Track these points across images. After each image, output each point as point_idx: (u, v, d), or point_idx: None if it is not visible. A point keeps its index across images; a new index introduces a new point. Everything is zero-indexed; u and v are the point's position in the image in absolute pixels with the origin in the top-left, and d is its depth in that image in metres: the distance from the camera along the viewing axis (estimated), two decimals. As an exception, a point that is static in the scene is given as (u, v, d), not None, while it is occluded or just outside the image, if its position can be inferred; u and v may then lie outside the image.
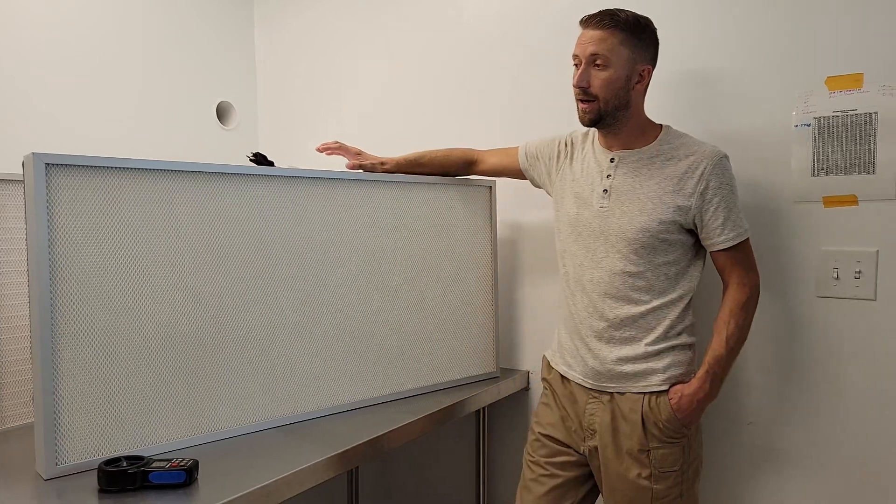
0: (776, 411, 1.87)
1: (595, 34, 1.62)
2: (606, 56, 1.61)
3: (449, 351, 2.07)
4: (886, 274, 1.72)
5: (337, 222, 1.82)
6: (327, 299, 1.81)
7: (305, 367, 1.77)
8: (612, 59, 1.61)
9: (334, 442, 1.60)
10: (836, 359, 1.79)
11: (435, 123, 2.48)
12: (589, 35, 1.63)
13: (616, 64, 1.62)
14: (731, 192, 1.63)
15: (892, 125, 1.69)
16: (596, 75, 1.63)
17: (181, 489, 1.34)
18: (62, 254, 1.40)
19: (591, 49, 1.62)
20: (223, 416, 1.63)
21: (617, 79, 1.63)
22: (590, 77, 1.64)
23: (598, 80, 1.63)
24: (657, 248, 1.64)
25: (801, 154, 1.80)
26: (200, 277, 1.59)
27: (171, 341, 1.55)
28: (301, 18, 2.84)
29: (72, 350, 1.41)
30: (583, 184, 1.76)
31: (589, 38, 1.63)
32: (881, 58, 1.70)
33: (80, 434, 1.43)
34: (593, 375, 1.71)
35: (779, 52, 1.83)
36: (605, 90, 1.63)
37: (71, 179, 1.41)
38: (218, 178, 1.62)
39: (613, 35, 1.61)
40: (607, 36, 1.61)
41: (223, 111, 2.86)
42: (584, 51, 1.64)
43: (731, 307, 1.64)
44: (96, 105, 2.40)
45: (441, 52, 2.46)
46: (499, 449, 2.40)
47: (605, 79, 1.63)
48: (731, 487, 1.93)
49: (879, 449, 1.74)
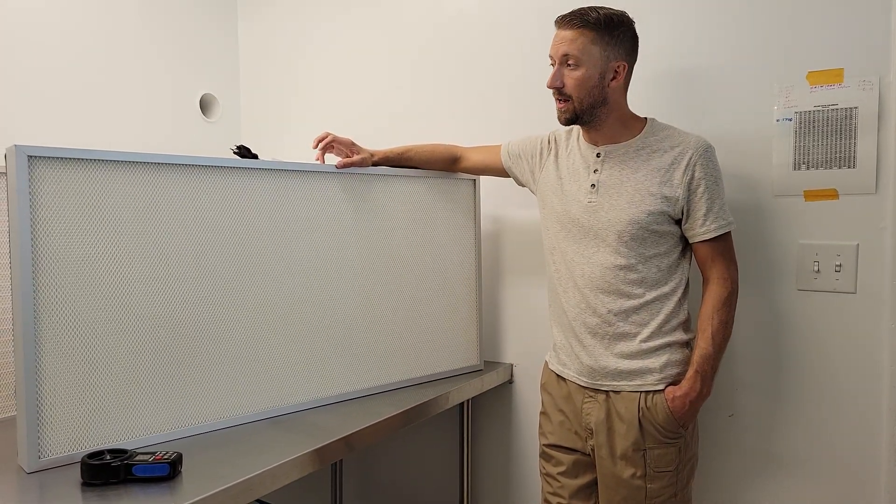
0: (757, 404, 1.89)
1: (566, 34, 1.64)
2: (577, 56, 1.62)
3: (432, 344, 2.07)
4: (866, 267, 1.74)
5: (320, 215, 1.82)
6: (310, 292, 1.81)
7: (289, 359, 1.77)
8: (583, 58, 1.62)
9: (318, 435, 1.60)
10: (816, 351, 1.81)
11: (421, 116, 2.48)
12: (561, 35, 1.65)
13: (587, 63, 1.63)
14: (715, 182, 1.64)
15: (872, 120, 1.71)
16: (569, 75, 1.65)
17: (165, 482, 1.34)
18: (45, 246, 1.39)
19: (563, 49, 1.64)
20: (207, 409, 1.63)
21: (589, 77, 1.63)
22: (563, 77, 1.66)
23: (570, 80, 1.65)
24: (647, 240, 1.65)
25: (782, 148, 1.81)
26: (183, 270, 1.59)
27: (155, 334, 1.55)
28: (285, 11, 2.82)
29: (54, 343, 1.41)
30: (569, 180, 1.76)
31: (561, 38, 1.65)
32: (862, 53, 1.72)
33: (63, 427, 1.42)
34: (588, 373, 1.72)
35: (760, 48, 1.84)
36: (578, 90, 1.64)
37: (53, 172, 1.40)
38: (201, 171, 1.61)
39: (583, 34, 1.62)
40: (577, 36, 1.62)
41: (206, 103, 2.84)
42: (556, 51, 1.66)
43: (714, 303, 1.65)
44: (79, 97, 2.38)
45: (427, 44, 2.45)
46: (482, 442, 2.41)
47: (577, 78, 1.64)
48: (714, 479, 1.95)
49: (857, 440, 1.76)
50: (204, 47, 2.82)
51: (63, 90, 2.34)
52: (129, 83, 2.54)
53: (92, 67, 2.42)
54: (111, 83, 2.48)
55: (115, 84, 2.50)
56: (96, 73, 2.43)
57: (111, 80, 2.48)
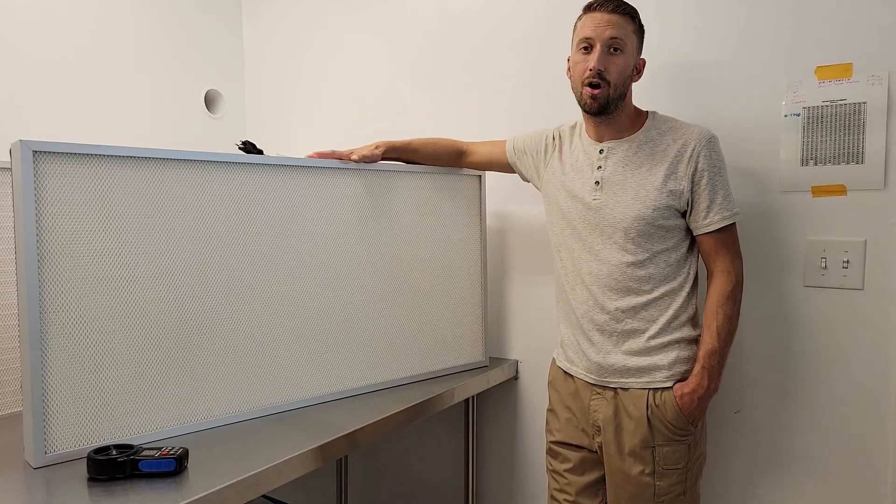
0: (764, 401, 1.88)
1: (613, 18, 1.59)
2: (624, 41, 1.60)
3: (438, 340, 2.07)
4: (874, 264, 1.73)
5: (325, 210, 1.81)
6: (316, 287, 1.81)
7: (294, 355, 1.77)
8: (628, 45, 1.61)
9: (324, 431, 1.60)
10: (823, 348, 1.80)
11: (425, 112, 2.47)
12: (607, 18, 1.59)
13: (629, 51, 1.62)
14: (719, 173, 1.62)
15: (881, 115, 1.70)
16: (612, 60, 1.61)
17: (171, 478, 1.34)
18: (50, 242, 1.39)
19: (611, 32, 1.59)
20: (213, 405, 1.63)
21: (627, 66, 1.63)
22: (608, 62, 1.61)
23: (614, 66, 1.61)
24: (654, 236, 1.63)
25: (790, 144, 1.81)
26: (188, 265, 1.59)
27: (161, 329, 1.55)
28: (289, 6, 2.82)
29: (60, 338, 1.41)
30: (574, 177, 1.75)
31: (607, 21, 1.59)
32: (871, 48, 1.71)
33: (70, 422, 1.43)
34: (596, 370, 1.71)
35: (768, 42, 1.83)
36: (618, 76, 1.61)
37: (58, 167, 1.40)
38: (206, 167, 1.61)
39: (629, 22, 1.61)
40: (625, 22, 1.60)
41: (211, 99, 2.84)
42: (601, 34, 1.59)
43: (718, 298, 1.63)
44: (84, 93, 2.38)
45: (430, 40, 2.45)
46: (488, 438, 2.41)
47: (620, 64, 1.61)
48: (721, 476, 1.95)
49: (864, 437, 1.76)
50: (209, 43, 2.82)
51: (68, 86, 2.34)
52: (134, 79, 2.54)
53: (97, 63, 2.42)
54: (116, 79, 2.48)
55: (121, 80, 2.50)
56: (101, 69, 2.43)
57: (116, 75, 2.48)
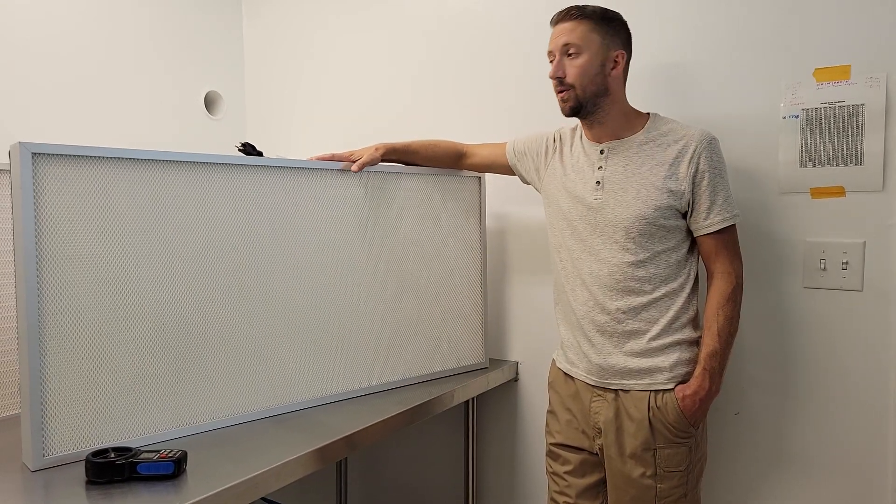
0: (764, 402, 1.88)
1: (565, 26, 1.66)
2: (578, 44, 1.64)
3: (437, 342, 2.07)
4: (873, 265, 1.73)
5: (325, 212, 1.81)
6: (315, 289, 1.80)
7: (294, 357, 1.77)
8: (584, 45, 1.64)
9: (323, 433, 1.60)
10: (822, 349, 1.80)
11: (425, 113, 2.47)
12: (560, 28, 1.68)
13: (588, 50, 1.65)
14: (719, 175, 1.63)
15: (879, 117, 1.70)
16: (570, 64, 1.66)
17: (169, 480, 1.33)
18: (49, 244, 1.39)
19: (563, 39, 1.66)
20: (212, 407, 1.63)
21: (591, 65, 1.65)
22: (564, 67, 1.67)
23: (572, 69, 1.66)
24: (655, 236, 1.64)
25: (788, 145, 1.81)
26: (188, 268, 1.58)
27: (159, 331, 1.55)
28: (289, 7, 2.82)
29: (59, 341, 1.41)
30: (574, 178, 1.75)
31: (560, 30, 1.68)
32: (869, 50, 1.71)
33: (68, 425, 1.42)
34: (597, 372, 1.71)
35: (767, 44, 1.83)
36: (580, 77, 1.65)
37: (58, 169, 1.40)
38: (206, 168, 1.61)
39: (582, 24, 1.65)
40: (576, 25, 1.65)
41: (211, 101, 2.84)
42: (557, 44, 1.67)
43: (718, 300, 1.64)
44: (83, 94, 2.38)
45: (431, 42, 2.45)
46: (487, 439, 2.41)
47: (579, 66, 1.65)
48: (722, 477, 1.95)
49: (864, 437, 1.76)
50: (208, 44, 2.82)
51: (68, 87, 2.34)
52: (134, 80, 2.54)
53: (96, 65, 2.42)
54: (116, 80, 2.48)
55: (120, 81, 2.50)
56: (101, 70, 2.43)
57: (116, 77, 2.48)
